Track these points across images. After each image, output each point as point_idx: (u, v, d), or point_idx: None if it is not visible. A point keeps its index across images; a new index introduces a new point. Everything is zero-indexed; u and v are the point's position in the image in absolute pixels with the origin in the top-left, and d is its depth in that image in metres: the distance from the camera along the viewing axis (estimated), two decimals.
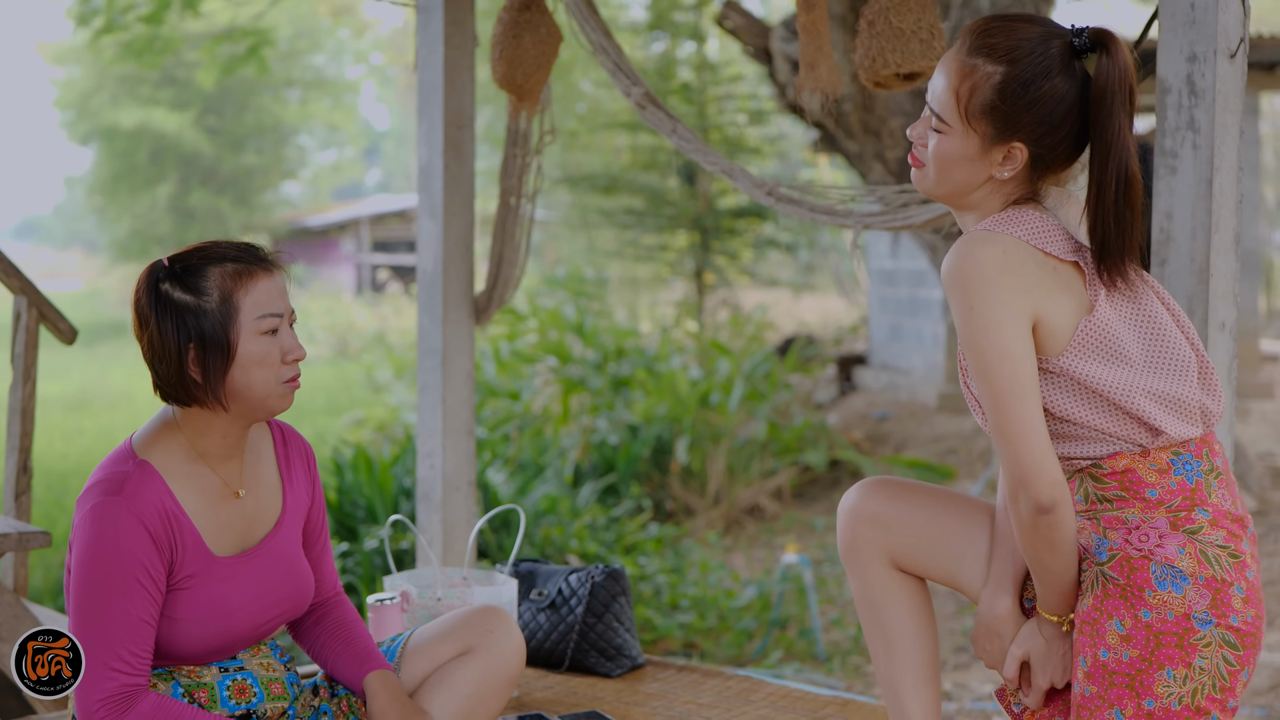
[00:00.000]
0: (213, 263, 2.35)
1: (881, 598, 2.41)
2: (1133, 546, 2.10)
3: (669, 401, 9.45)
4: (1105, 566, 2.12)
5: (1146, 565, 2.08)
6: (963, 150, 2.21)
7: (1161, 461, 2.11)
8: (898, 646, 2.41)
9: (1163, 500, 2.10)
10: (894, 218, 3.35)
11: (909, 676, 2.41)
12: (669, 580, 7.15)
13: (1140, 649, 2.07)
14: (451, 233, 4.21)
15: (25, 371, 4.06)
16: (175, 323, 2.31)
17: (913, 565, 2.40)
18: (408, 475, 7.34)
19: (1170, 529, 2.09)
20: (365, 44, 31.53)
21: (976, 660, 6.25)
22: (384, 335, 17.72)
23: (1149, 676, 2.07)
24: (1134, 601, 2.08)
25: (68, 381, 15.65)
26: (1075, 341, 2.11)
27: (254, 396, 2.37)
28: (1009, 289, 2.08)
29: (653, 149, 12.22)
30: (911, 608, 2.42)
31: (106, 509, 2.28)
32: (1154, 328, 2.17)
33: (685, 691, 3.34)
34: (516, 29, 3.81)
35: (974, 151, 2.20)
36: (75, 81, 27.53)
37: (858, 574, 2.43)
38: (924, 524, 2.38)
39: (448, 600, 3.18)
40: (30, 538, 3.69)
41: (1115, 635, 2.09)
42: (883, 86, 3.33)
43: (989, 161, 2.20)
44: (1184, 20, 2.77)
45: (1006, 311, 2.07)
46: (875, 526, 2.40)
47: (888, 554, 2.40)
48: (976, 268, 2.09)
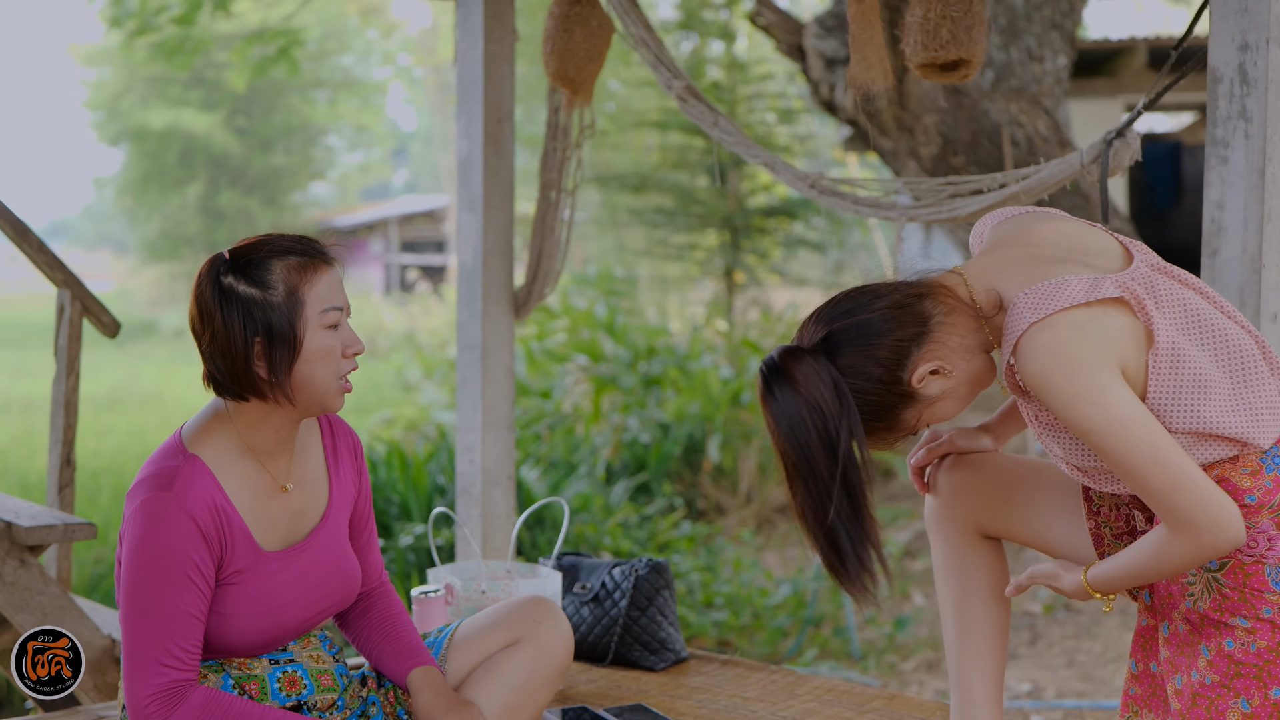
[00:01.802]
0: (276, 255, 2.33)
1: (961, 562, 2.44)
2: (1243, 554, 2.08)
3: (700, 400, 9.44)
4: (1217, 574, 2.10)
5: (1260, 570, 2.07)
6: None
7: (1252, 464, 2.09)
8: (971, 615, 2.43)
9: (1263, 504, 2.08)
10: (938, 210, 3.34)
11: (976, 644, 2.44)
12: (702, 578, 7.13)
13: (1268, 640, 2.07)
14: (491, 226, 4.21)
15: (69, 364, 4.07)
16: (242, 316, 2.28)
17: (998, 528, 2.42)
18: (442, 473, 7.35)
19: (1276, 529, 2.08)
20: (393, 44, 31.61)
21: (1013, 658, 6.22)
22: (413, 335, 17.75)
23: (1277, 666, 2.07)
24: (1254, 602, 2.07)
25: (99, 381, 15.72)
26: (1153, 381, 2.07)
27: (314, 391, 2.35)
28: (1093, 359, 2.02)
29: (682, 148, 12.19)
30: (991, 578, 2.45)
31: (156, 504, 2.27)
32: (1211, 331, 2.13)
33: (730, 685, 3.33)
34: (568, 23, 3.81)
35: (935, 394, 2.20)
36: (106, 83, 27.71)
37: (939, 539, 2.47)
38: (1008, 486, 2.41)
39: (492, 593, 3.17)
40: (76, 529, 3.70)
41: (1241, 629, 2.09)
42: (928, 71, 3.31)
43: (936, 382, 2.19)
44: (1235, 8, 2.75)
45: (1107, 380, 2.02)
46: (959, 492, 2.44)
47: (972, 519, 2.43)
48: (1054, 359, 2.03)
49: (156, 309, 26.04)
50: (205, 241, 26.40)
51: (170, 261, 27.69)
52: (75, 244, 46.02)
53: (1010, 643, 6.41)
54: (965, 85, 6.14)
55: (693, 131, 11.46)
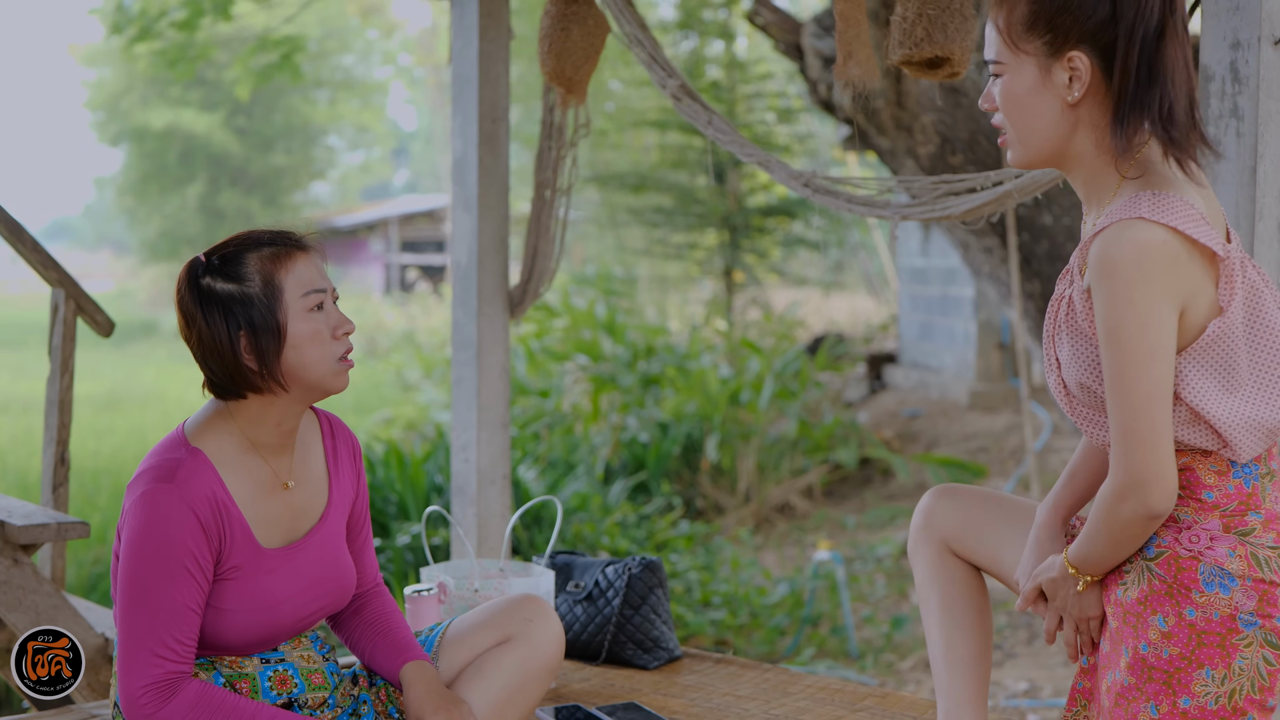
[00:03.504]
0: (250, 249, 2.35)
1: (940, 575, 2.48)
2: (1182, 547, 2.07)
3: (699, 399, 9.44)
4: (1152, 563, 2.09)
5: (1195, 566, 2.05)
6: (1023, 82, 2.12)
7: (1221, 464, 2.08)
8: (952, 619, 2.46)
9: (1218, 504, 2.07)
10: (932, 208, 3.34)
11: (959, 651, 2.45)
12: (700, 577, 7.14)
13: (1181, 647, 2.04)
14: (486, 226, 4.21)
15: (63, 364, 4.08)
16: (223, 314, 2.30)
17: (963, 548, 2.48)
18: (439, 472, 7.35)
19: (1222, 531, 2.06)
20: (393, 44, 31.64)
21: (1010, 657, 6.22)
22: (413, 334, 17.76)
23: (1187, 675, 2.04)
24: (1179, 600, 2.05)
25: (99, 381, 15.73)
26: (1200, 345, 2.04)
27: (310, 376, 2.36)
28: (1168, 284, 1.99)
29: (682, 147, 12.20)
30: (971, 593, 2.48)
31: (157, 495, 2.28)
32: (1267, 338, 2.10)
33: (723, 684, 3.33)
34: (564, 22, 3.81)
35: (1034, 79, 2.11)
36: (106, 83, 27.72)
37: (919, 560, 2.52)
38: (977, 513, 2.48)
39: (485, 591, 3.17)
40: (69, 528, 3.70)
41: (1157, 631, 2.06)
42: (912, 68, 3.30)
43: (1055, 86, 2.11)
44: (1227, 7, 2.74)
45: (1164, 309, 1.99)
46: (935, 516, 2.50)
47: (944, 540, 2.48)
48: (1141, 258, 1.99)
49: (156, 309, 26.01)
50: (205, 242, 26.37)
51: (170, 262, 27.67)
52: (76, 244, 46.02)
53: (1008, 642, 6.41)
54: (963, 84, 6.13)
55: (692, 131, 11.46)
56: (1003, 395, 10.64)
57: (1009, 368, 10.82)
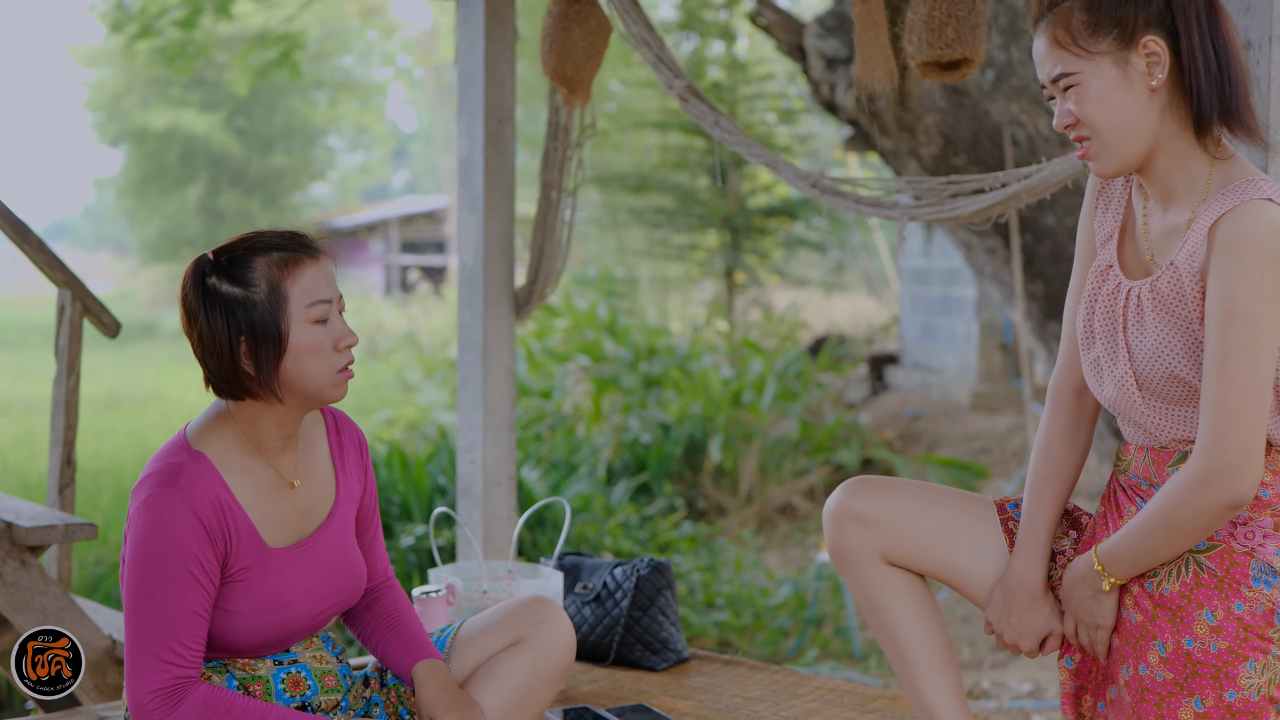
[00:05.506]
0: (258, 253, 2.32)
1: (880, 596, 2.35)
2: (1237, 542, 2.07)
3: (701, 400, 9.44)
4: (1202, 555, 2.08)
5: (1247, 562, 2.06)
6: (1104, 81, 2.10)
7: (1277, 462, 2.09)
8: (905, 642, 2.34)
9: (1271, 503, 2.08)
10: (940, 209, 3.33)
11: (923, 669, 2.35)
12: (703, 578, 7.14)
13: (1230, 641, 2.04)
14: (492, 227, 4.21)
15: (69, 365, 4.07)
16: (225, 316, 2.28)
17: (905, 559, 2.34)
18: (442, 473, 7.35)
19: (1274, 530, 2.07)
20: (393, 45, 31.61)
21: (1015, 658, 6.22)
22: (413, 335, 17.75)
23: (1234, 669, 2.04)
24: (1229, 594, 2.05)
25: (99, 382, 15.72)
26: None
27: (308, 387, 2.34)
28: None
29: (683, 148, 12.20)
30: (912, 600, 2.35)
31: (160, 500, 2.27)
32: None
33: (732, 685, 3.33)
34: (566, 21, 3.81)
35: (1114, 75, 2.10)
36: (106, 84, 27.69)
37: (852, 577, 2.37)
38: (912, 516, 2.33)
39: (493, 593, 3.17)
40: (77, 529, 3.70)
41: (1205, 625, 2.06)
42: (926, 68, 3.30)
43: (1136, 75, 2.10)
44: (1238, 7, 2.74)
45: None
46: (862, 525, 2.34)
47: (878, 551, 2.34)
48: (1270, 236, 1.99)
49: (156, 310, 26.01)
50: (206, 242, 26.35)
51: (170, 262, 27.66)
52: (75, 245, 45.97)
53: None
54: (966, 85, 6.14)
55: (693, 132, 11.46)
56: (1005, 396, 10.65)
57: (1011, 369, 10.82)
